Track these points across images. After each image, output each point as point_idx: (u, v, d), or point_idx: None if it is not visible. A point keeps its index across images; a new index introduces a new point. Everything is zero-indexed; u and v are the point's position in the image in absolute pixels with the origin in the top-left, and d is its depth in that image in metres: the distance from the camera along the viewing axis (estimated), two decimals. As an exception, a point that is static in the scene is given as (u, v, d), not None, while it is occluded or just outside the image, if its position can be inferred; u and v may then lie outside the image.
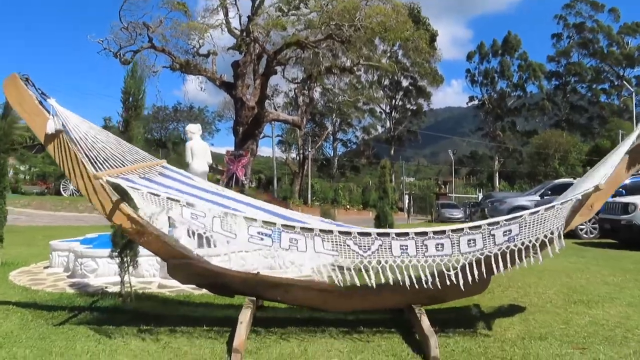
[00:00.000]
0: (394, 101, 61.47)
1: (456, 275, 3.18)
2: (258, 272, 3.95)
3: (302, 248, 3.21)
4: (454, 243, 3.17)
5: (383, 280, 3.26)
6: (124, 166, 3.71)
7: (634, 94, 36.64)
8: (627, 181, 13.24)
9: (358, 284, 3.28)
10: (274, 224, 3.27)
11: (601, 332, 3.72)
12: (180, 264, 3.66)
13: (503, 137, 59.47)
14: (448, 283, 3.23)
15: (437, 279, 3.20)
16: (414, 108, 62.85)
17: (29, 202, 27.66)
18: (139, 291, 4.98)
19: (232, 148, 29.32)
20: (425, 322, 3.29)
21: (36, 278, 6.00)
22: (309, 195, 38.61)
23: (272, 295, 3.68)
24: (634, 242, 10.10)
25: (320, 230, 3.25)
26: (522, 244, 3.13)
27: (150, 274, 5.68)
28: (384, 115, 63.13)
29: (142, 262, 5.50)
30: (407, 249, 3.19)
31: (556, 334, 3.65)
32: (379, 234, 3.23)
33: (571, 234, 12.89)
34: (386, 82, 59.87)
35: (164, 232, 3.84)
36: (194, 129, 7.06)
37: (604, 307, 4.54)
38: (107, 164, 3.61)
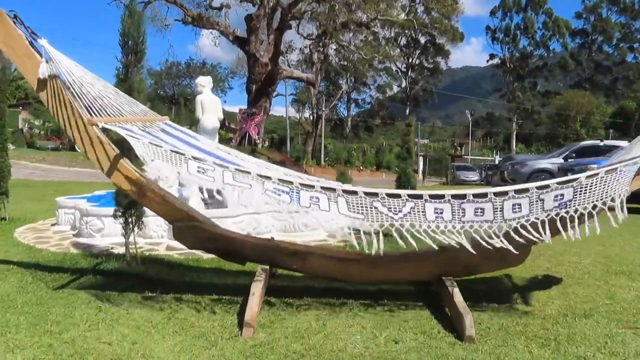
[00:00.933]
0: (410, 59, 59.79)
1: (497, 244, 2.79)
2: (272, 238, 3.62)
3: (324, 207, 2.83)
4: (497, 208, 2.77)
5: (411, 248, 2.90)
6: (122, 117, 3.32)
7: None
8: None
9: (382, 253, 2.91)
10: (291, 182, 2.89)
11: (652, 309, 3.34)
12: (186, 227, 3.32)
13: (522, 98, 57.82)
14: (486, 253, 2.86)
15: (474, 248, 2.81)
16: (431, 66, 61.16)
17: (44, 157, 27.72)
18: (145, 253, 4.71)
19: (245, 106, 28.84)
20: (458, 297, 2.93)
21: (42, 236, 5.77)
22: (322, 156, 38.18)
23: (287, 264, 3.34)
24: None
25: (344, 191, 2.86)
26: (576, 211, 2.71)
27: (158, 235, 5.39)
28: (400, 74, 61.62)
29: (149, 223, 5.21)
30: (442, 212, 2.80)
31: (601, 310, 3.29)
32: (410, 196, 2.83)
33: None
34: (403, 40, 58.09)
35: (167, 191, 3.50)
36: (204, 82, 6.61)
37: (649, 278, 4.17)
38: (103, 112, 3.23)
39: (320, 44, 32.23)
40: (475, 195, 2.80)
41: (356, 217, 2.83)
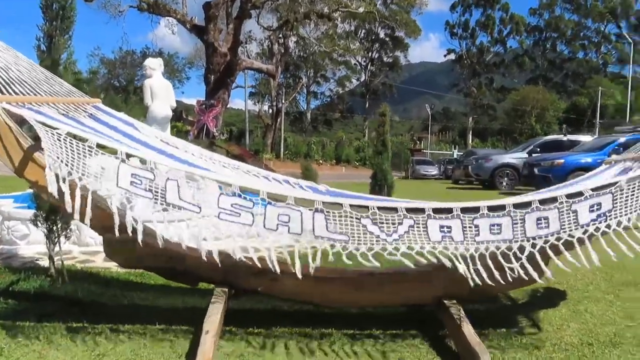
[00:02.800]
0: (370, 53, 59.66)
1: (521, 266, 2.22)
2: (234, 252, 2.93)
3: (295, 229, 2.19)
4: (516, 222, 2.20)
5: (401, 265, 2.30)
6: (35, 95, 2.55)
7: (632, 46, 35.78)
8: (622, 139, 12.65)
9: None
10: (257, 192, 2.23)
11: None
12: (121, 240, 2.58)
13: (478, 93, 58.81)
14: (505, 277, 2.29)
15: (492, 273, 2.23)
16: (391, 61, 61.26)
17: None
18: (77, 266, 3.91)
19: (203, 98, 27.61)
20: (469, 330, 2.36)
21: (-46, 244, 4.83)
22: (282, 149, 37.43)
23: (252, 285, 2.67)
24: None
25: (324, 204, 2.22)
26: (619, 223, 2.18)
27: (96, 242, 4.57)
28: (359, 68, 61.43)
29: (85, 228, 4.42)
30: (450, 231, 2.20)
31: (627, 335, 2.79)
32: (409, 210, 2.22)
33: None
34: (362, 33, 57.86)
35: (97, 194, 2.76)
36: (153, 64, 5.77)
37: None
38: (9, 88, 2.45)
39: (281, 35, 31.37)
40: (490, 209, 2.22)
41: (337, 238, 2.19)
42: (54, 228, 3.41)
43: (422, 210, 2.22)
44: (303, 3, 28.27)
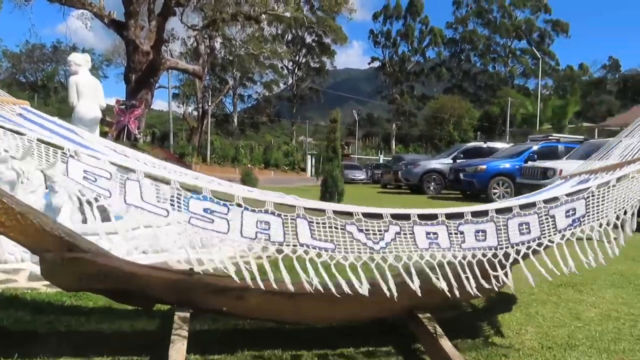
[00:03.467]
0: (297, 57, 59.94)
1: (505, 274, 2.20)
2: (191, 269, 2.67)
3: (276, 236, 2.01)
4: (500, 228, 2.17)
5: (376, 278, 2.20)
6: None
7: (540, 61, 38.79)
8: (536, 147, 13.57)
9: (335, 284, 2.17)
10: (230, 197, 2.02)
11: (624, 328, 3.04)
12: (61, 260, 2.25)
13: (400, 100, 61.10)
14: (482, 286, 2.26)
15: (479, 282, 2.19)
16: (317, 66, 61.96)
17: None
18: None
19: (122, 97, 26.10)
20: (447, 344, 2.30)
21: None
22: (208, 153, 36.42)
23: (214, 305, 2.43)
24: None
25: (306, 209, 2.06)
26: (591, 228, 2.22)
27: (16, 258, 4.04)
28: (286, 72, 61.53)
29: (3, 241, 3.91)
30: (436, 237, 2.13)
31: (580, 337, 2.88)
32: (394, 216, 2.12)
33: (484, 198, 12.99)
34: (289, 37, 58.02)
35: (26, 204, 2.39)
36: (79, 60, 5.24)
37: (593, 289, 3.98)
38: None
39: (206, 34, 30.54)
40: (474, 214, 2.18)
41: (323, 246, 2.04)
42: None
43: (407, 217, 2.13)
44: (229, 3, 27.74)
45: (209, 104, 38.43)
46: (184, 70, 29.28)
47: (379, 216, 2.12)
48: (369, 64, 66.38)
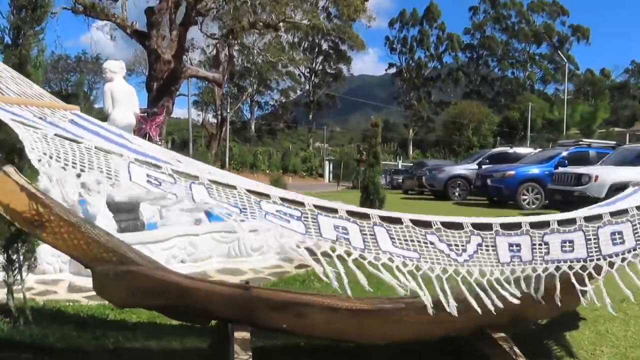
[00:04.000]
0: (314, 64, 60.07)
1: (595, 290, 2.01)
2: (247, 282, 2.54)
3: (357, 243, 1.85)
4: (589, 238, 1.99)
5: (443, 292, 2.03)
6: (3, 95, 2.07)
7: (567, 65, 38.15)
8: (565, 153, 13.21)
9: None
10: (302, 204, 1.88)
11: None
12: (116, 273, 2.12)
13: (418, 106, 60.72)
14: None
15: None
16: (334, 72, 61.96)
17: None
18: (38, 300, 3.31)
19: (143, 106, 26.35)
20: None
21: None
22: (227, 159, 36.54)
23: (275, 322, 2.27)
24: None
25: (382, 218, 1.90)
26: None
27: (55, 269, 3.96)
28: (303, 79, 61.71)
29: (41, 251, 3.82)
30: (519, 250, 1.96)
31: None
32: (475, 226, 1.96)
33: (513, 204, 12.67)
34: (306, 44, 58.22)
35: (80, 217, 2.29)
36: (114, 67, 5.18)
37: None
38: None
39: (226, 43, 30.70)
40: (560, 223, 1.99)
41: (407, 255, 1.88)
42: (15, 258, 2.84)
43: (489, 227, 1.96)
44: (248, 12, 27.89)
45: (228, 111, 38.63)
46: (204, 78, 29.46)
47: (459, 226, 1.96)
48: (386, 70, 66.17)
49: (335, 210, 1.89)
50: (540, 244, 1.98)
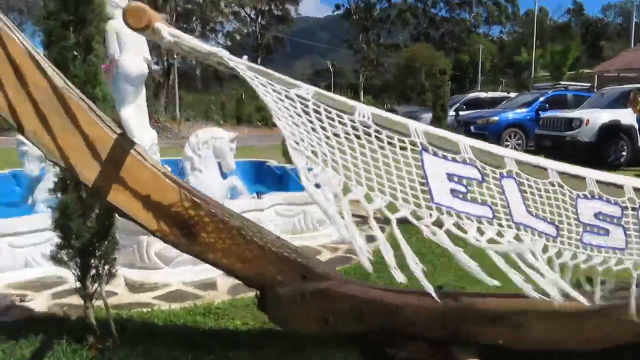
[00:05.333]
0: (260, 5, 57.19)
1: None
2: (441, 288, 2.04)
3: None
4: None
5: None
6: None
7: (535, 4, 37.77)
8: (543, 97, 13.23)
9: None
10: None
11: None
12: (302, 294, 1.57)
13: (368, 50, 59.71)
14: None
15: None
16: (281, 14, 59.41)
17: None
18: (111, 311, 2.66)
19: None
20: None
21: None
22: (177, 109, 34.61)
23: (489, 337, 1.83)
24: (577, 159, 9.95)
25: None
26: None
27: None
28: (249, 20, 58.80)
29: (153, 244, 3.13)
30: None
31: None
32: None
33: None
34: (249, -17, 55.12)
35: (258, 226, 1.69)
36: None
37: None
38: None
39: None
40: None
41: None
42: (96, 272, 2.16)
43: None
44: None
45: (175, 57, 36.20)
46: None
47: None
48: (333, 11, 64.16)
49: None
50: None
